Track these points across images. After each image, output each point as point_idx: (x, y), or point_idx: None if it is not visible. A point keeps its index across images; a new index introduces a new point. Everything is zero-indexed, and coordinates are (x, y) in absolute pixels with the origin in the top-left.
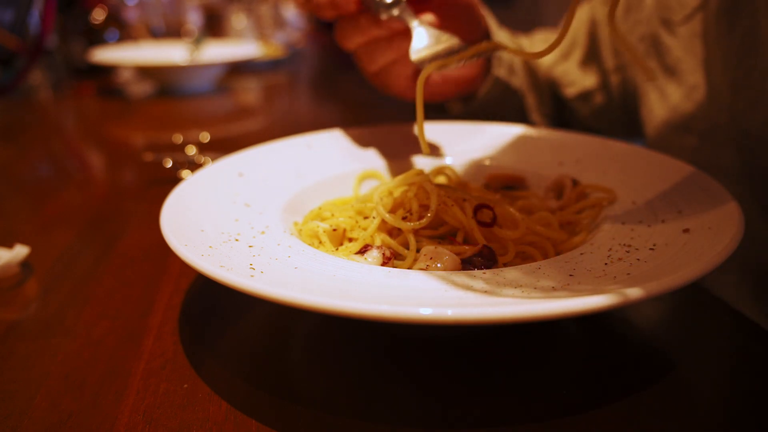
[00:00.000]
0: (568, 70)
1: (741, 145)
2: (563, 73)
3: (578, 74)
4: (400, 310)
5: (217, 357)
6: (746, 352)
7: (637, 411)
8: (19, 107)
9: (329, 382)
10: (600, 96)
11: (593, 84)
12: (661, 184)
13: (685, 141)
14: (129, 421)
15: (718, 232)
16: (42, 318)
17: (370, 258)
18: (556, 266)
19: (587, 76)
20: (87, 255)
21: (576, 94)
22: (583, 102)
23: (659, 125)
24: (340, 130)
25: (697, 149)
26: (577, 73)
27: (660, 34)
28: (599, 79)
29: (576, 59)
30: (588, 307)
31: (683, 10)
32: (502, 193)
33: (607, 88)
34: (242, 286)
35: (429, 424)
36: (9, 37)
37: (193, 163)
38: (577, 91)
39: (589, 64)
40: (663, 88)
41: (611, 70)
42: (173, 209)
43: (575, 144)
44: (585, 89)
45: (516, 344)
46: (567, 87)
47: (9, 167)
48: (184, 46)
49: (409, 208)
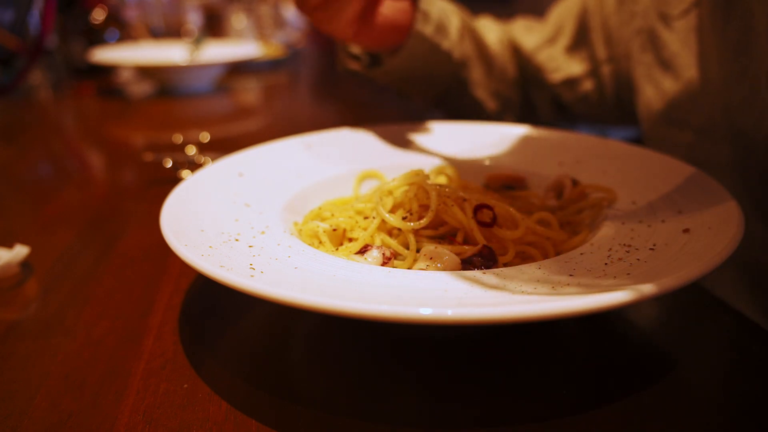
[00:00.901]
0: (554, 55)
1: (735, 142)
2: (548, 59)
3: (563, 60)
4: (400, 310)
5: (217, 357)
6: (746, 352)
7: (637, 411)
8: (19, 107)
9: (329, 382)
10: (588, 83)
11: (580, 71)
12: (661, 184)
13: (680, 136)
14: (129, 421)
15: (718, 232)
16: (42, 318)
17: (370, 258)
18: (556, 266)
19: (573, 62)
20: (87, 255)
21: (561, 80)
22: (568, 88)
23: (655, 119)
24: (340, 130)
25: (693, 145)
26: (562, 59)
27: (657, 28)
28: (588, 67)
29: (562, 45)
30: (588, 307)
31: (680, 5)
32: (502, 193)
33: (597, 77)
34: (242, 286)
35: (429, 424)
36: (9, 37)
37: (193, 163)
38: (561, 77)
39: (576, 51)
40: (659, 82)
41: (603, 60)
42: (173, 209)
43: (575, 144)
44: (571, 76)
45: (516, 344)
46: (551, 72)
47: (9, 167)
48: (184, 46)
49: (409, 208)
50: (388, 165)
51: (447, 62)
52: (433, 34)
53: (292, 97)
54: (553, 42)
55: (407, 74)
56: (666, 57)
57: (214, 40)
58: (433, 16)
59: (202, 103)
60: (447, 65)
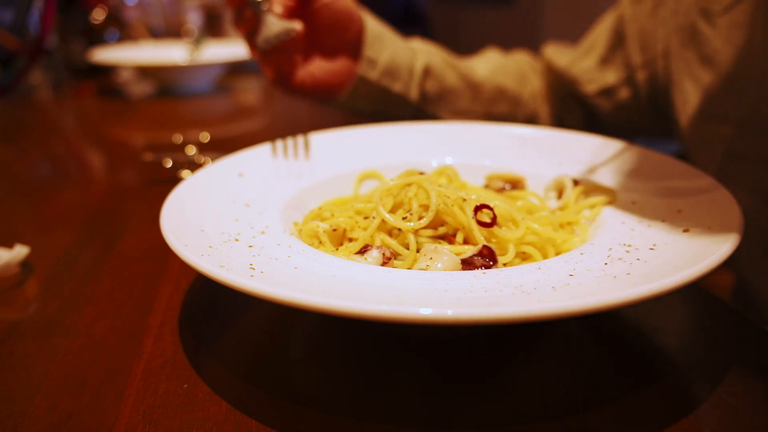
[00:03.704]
0: (587, 68)
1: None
2: (582, 71)
3: (597, 72)
4: (400, 310)
5: (217, 357)
6: (746, 352)
7: (637, 411)
8: (19, 107)
9: (329, 382)
10: (624, 91)
11: (615, 80)
12: (661, 184)
13: (721, 130)
14: (129, 421)
15: (718, 232)
16: (42, 318)
17: (370, 258)
18: (556, 266)
19: (608, 72)
20: (87, 255)
21: (596, 90)
22: (605, 98)
23: (694, 114)
24: (340, 130)
25: (733, 138)
26: (595, 72)
27: (698, 24)
28: (624, 75)
29: (596, 56)
30: (588, 307)
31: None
32: (502, 193)
33: (632, 84)
34: (242, 286)
35: (429, 424)
36: (9, 37)
37: (193, 163)
38: (597, 88)
39: (610, 61)
40: (699, 77)
41: (638, 66)
42: (173, 209)
43: (575, 144)
44: (606, 85)
45: (516, 344)
46: (587, 84)
47: (9, 167)
48: (184, 46)
49: (409, 208)
50: (388, 165)
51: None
52: (380, 77)
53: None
54: (587, 55)
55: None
56: (707, 52)
57: (214, 40)
58: (381, 62)
59: (202, 103)
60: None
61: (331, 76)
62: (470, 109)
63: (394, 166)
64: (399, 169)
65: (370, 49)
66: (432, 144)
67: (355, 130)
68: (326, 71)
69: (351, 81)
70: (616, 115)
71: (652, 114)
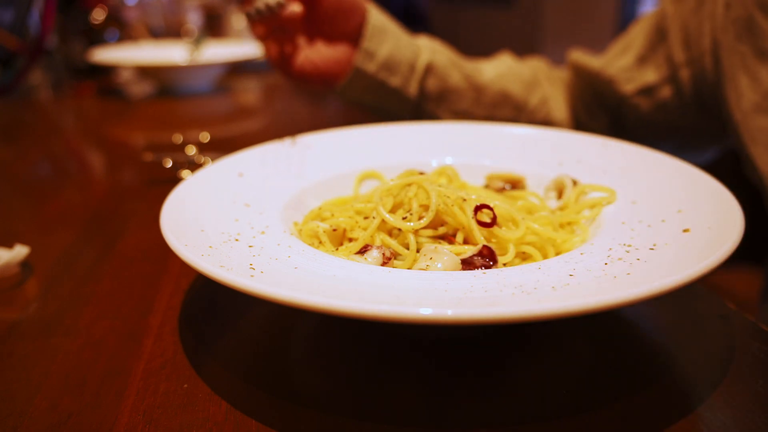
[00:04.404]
0: (624, 67)
1: None
2: (620, 70)
3: (635, 71)
4: (400, 310)
5: (217, 357)
6: (746, 352)
7: (636, 411)
8: (19, 107)
9: (329, 382)
10: (666, 90)
11: (656, 78)
12: (661, 183)
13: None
14: (129, 421)
15: (718, 232)
16: (42, 318)
17: (370, 258)
18: (556, 266)
19: (647, 71)
20: (87, 255)
21: (635, 89)
22: (645, 97)
23: (749, 109)
24: (340, 130)
25: None
26: (633, 70)
27: (755, 16)
28: (666, 73)
29: (631, 58)
30: (588, 307)
31: None
32: (502, 193)
33: (675, 82)
34: (242, 286)
35: (429, 424)
36: (9, 37)
37: (193, 163)
38: (636, 87)
39: (650, 59)
40: (755, 71)
41: (682, 64)
42: (173, 209)
43: (575, 144)
44: (646, 84)
45: (516, 344)
46: (624, 83)
47: (9, 167)
48: (184, 46)
49: (409, 208)
50: (388, 165)
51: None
52: (377, 70)
53: (292, 97)
54: (623, 55)
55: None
56: (764, 46)
57: (214, 40)
58: (380, 55)
59: (202, 103)
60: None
61: (331, 64)
62: (471, 111)
63: (394, 166)
64: (399, 169)
65: (370, 42)
66: (432, 144)
67: (355, 130)
68: (326, 59)
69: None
70: (655, 115)
71: (696, 111)
